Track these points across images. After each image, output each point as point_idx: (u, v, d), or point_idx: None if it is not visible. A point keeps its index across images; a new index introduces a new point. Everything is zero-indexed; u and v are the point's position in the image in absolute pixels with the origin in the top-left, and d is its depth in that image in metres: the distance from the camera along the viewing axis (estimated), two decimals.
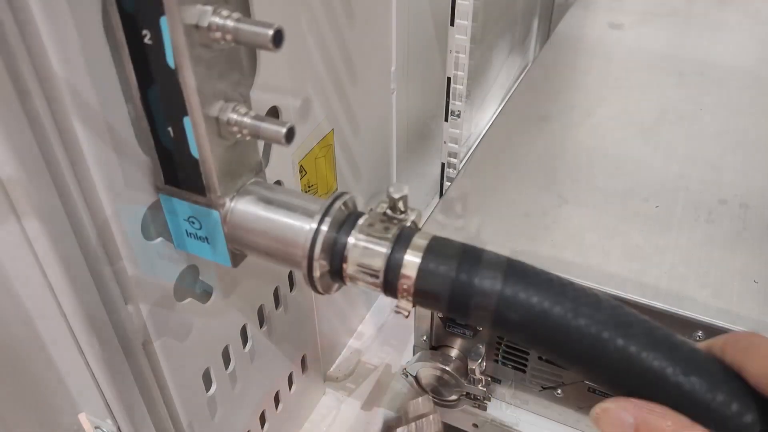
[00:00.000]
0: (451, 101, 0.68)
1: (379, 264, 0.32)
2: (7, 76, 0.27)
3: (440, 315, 0.62)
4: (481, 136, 0.78)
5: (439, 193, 0.80)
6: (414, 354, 0.65)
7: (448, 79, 0.66)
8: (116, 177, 0.33)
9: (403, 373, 0.64)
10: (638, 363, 0.27)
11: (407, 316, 0.32)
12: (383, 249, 0.32)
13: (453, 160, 0.74)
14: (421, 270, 0.31)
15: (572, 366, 0.29)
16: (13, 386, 0.34)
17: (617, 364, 0.27)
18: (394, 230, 0.32)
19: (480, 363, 0.60)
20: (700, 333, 0.52)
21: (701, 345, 0.27)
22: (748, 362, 0.25)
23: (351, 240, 0.33)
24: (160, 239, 0.37)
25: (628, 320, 0.28)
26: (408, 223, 0.33)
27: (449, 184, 0.72)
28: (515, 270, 0.30)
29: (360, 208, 0.35)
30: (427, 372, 0.63)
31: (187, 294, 0.42)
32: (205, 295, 0.44)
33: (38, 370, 0.35)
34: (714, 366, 0.26)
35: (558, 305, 0.28)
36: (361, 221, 0.33)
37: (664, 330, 0.28)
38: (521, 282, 0.29)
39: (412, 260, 0.31)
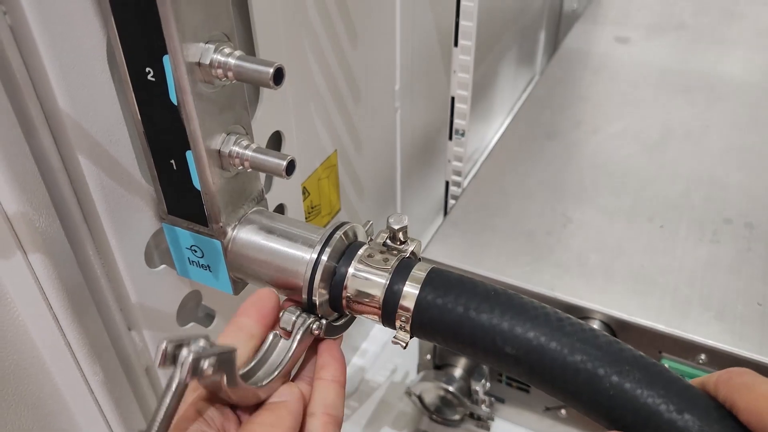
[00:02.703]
0: (455, 120, 0.68)
1: (377, 295, 0.32)
2: (14, 113, 0.28)
3: None
4: (486, 154, 0.78)
5: (443, 211, 0.80)
6: (418, 373, 0.66)
7: (452, 98, 0.66)
8: (120, 208, 0.34)
9: (407, 393, 0.65)
10: (633, 400, 0.27)
11: (405, 348, 0.33)
12: (382, 280, 0.32)
13: (457, 178, 0.74)
14: (419, 302, 0.31)
15: (568, 400, 0.29)
16: (17, 412, 0.34)
17: (612, 400, 0.27)
18: (393, 261, 0.33)
19: (483, 383, 0.60)
20: (703, 356, 0.52)
21: (695, 381, 0.28)
22: (740, 400, 0.25)
23: (351, 270, 0.33)
24: (163, 267, 0.38)
25: (623, 357, 0.28)
26: (407, 254, 0.34)
27: (454, 202, 0.72)
28: (513, 304, 0.30)
29: (360, 232, 0.35)
30: (431, 391, 0.63)
31: (190, 318, 0.42)
32: (208, 318, 0.44)
33: (42, 397, 0.35)
34: (707, 403, 0.26)
35: (554, 341, 0.28)
36: (360, 251, 0.34)
37: (660, 366, 0.28)
38: (518, 316, 0.29)
39: (410, 292, 0.32)
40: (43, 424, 0.35)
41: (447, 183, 0.74)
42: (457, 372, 0.63)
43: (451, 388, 0.61)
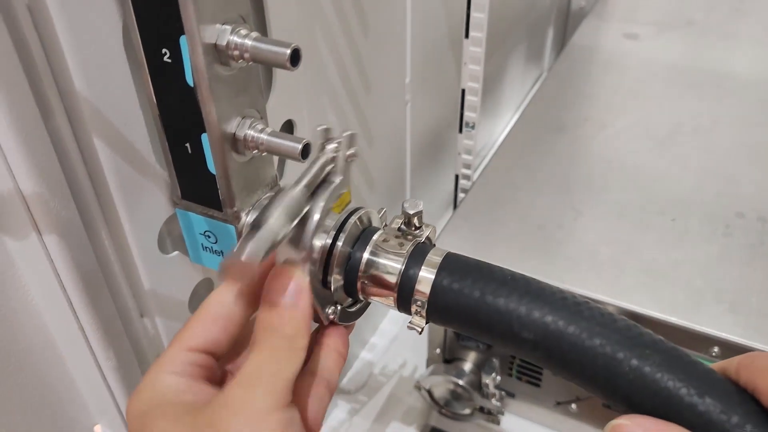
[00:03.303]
0: (465, 112, 0.68)
1: (393, 279, 0.32)
2: (32, 95, 0.28)
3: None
4: (495, 148, 0.78)
5: (453, 204, 0.80)
6: (427, 367, 0.65)
7: (462, 90, 0.66)
8: (134, 192, 0.33)
9: (416, 387, 0.64)
10: (653, 383, 0.26)
11: (420, 333, 0.32)
12: (397, 264, 0.32)
13: (467, 171, 0.74)
14: (435, 287, 0.31)
15: (587, 385, 0.29)
16: (29, 397, 0.34)
17: (632, 385, 0.27)
18: (408, 246, 0.32)
19: (494, 377, 0.60)
20: (716, 348, 0.52)
21: (715, 366, 0.27)
22: (761, 383, 0.25)
23: (366, 255, 0.33)
24: (176, 253, 0.38)
25: (642, 340, 0.27)
26: (422, 239, 0.33)
27: (463, 195, 0.72)
28: (530, 288, 0.30)
29: (374, 218, 0.35)
30: (441, 385, 0.63)
31: None
32: None
33: (55, 382, 0.35)
34: (728, 387, 0.26)
35: (573, 324, 0.28)
36: (375, 236, 0.33)
37: (679, 350, 0.27)
38: (536, 301, 0.29)
39: (426, 276, 0.31)
40: (54, 409, 0.35)
41: (457, 176, 0.74)
42: (467, 366, 0.62)
43: (461, 382, 0.61)
